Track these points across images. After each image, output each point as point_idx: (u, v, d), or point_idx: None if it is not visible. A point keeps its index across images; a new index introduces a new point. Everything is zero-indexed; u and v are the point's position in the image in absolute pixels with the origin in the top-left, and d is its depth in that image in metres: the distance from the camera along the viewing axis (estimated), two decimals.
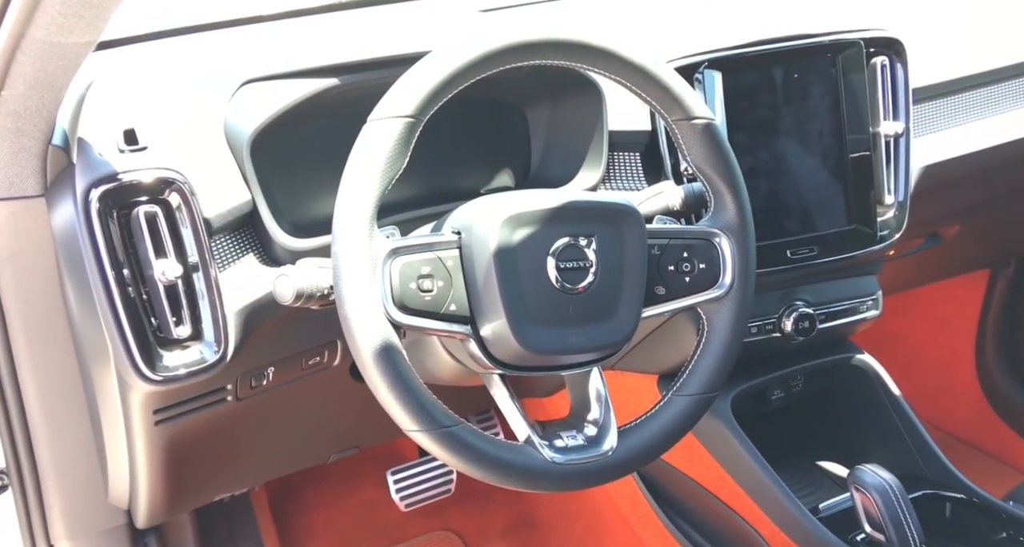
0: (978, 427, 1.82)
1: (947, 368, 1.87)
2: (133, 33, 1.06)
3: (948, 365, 1.86)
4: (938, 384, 1.88)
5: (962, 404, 1.85)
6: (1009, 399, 1.79)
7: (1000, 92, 1.23)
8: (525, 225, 0.75)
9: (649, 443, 0.81)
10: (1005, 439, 1.78)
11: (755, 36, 1.05)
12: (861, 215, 1.09)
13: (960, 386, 1.86)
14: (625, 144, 1.02)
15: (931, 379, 1.88)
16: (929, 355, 1.89)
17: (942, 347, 1.86)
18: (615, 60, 0.78)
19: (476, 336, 0.76)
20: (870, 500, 0.99)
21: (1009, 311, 1.78)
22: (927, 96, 1.15)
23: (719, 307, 0.83)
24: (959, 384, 1.86)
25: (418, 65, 0.74)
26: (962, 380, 1.85)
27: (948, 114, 1.19)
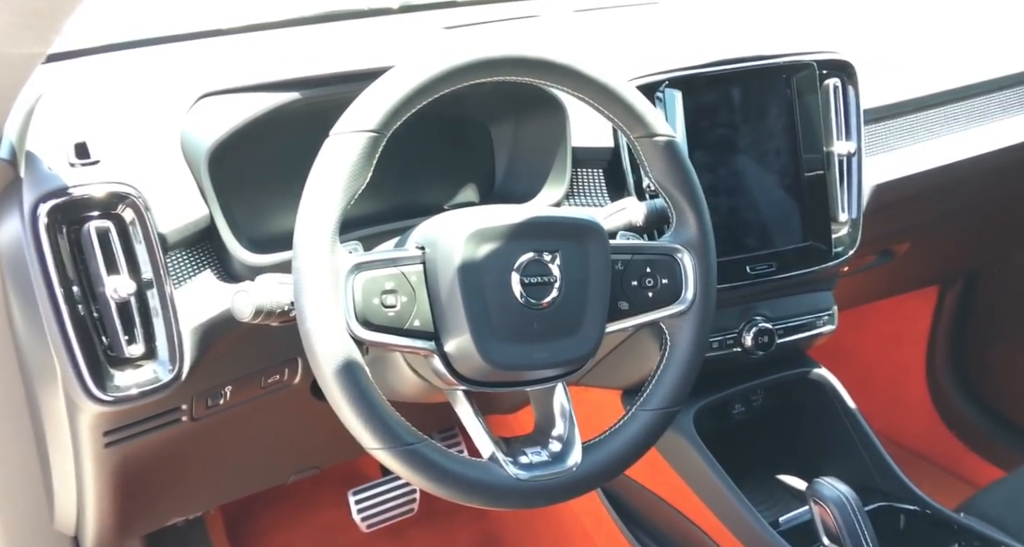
0: (930, 440, 1.87)
1: (899, 383, 1.91)
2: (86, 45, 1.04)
3: (900, 380, 1.91)
4: (891, 398, 1.92)
5: (914, 418, 1.89)
6: (959, 413, 1.84)
7: (951, 112, 1.27)
8: (489, 240, 0.75)
9: (613, 458, 0.81)
10: (956, 452, 1.82)
11: (714, 56, 1.07)
12: (817, 232, 1.11)
13: (912, 400, 1.90)
14: (588, 160, 1.03)
15: (884, 393, 1.92)
16: (882, 370, 1.93)
17: (894, 362, 1.91)
18: (577, 77, 0.79)
19: (440, 352, 0.75)
20: (828, 513, 1.01)
21: (958, 327, 1.84)
22: (878, 117, 1.19)
23: (681, 322, 0.84)
24: (911, 398, 1.90)
25: (381, 80, 0.74)
26: (914, 394, 1.90)
27: (899, 134, 1.23)
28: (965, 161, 1.26)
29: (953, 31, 1.35)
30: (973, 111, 1.30)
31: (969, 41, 1.34)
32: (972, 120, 1.30)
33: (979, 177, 1.33)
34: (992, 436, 1.78)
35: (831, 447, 1.22)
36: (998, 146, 1.29)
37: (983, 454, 1.78)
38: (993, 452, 1.76)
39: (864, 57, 1.14)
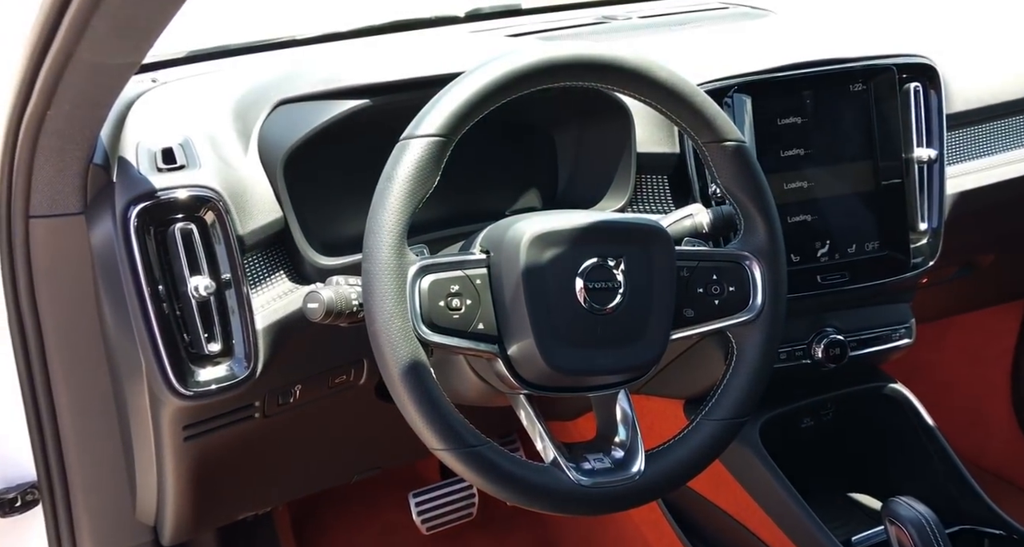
0: (1014, 462, 1.77)
1: (981, 401, 1.82)
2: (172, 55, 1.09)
3: (982, 398, 1.82)
4: (971, 417, 1.83)
5: (997, 438, 1.80)
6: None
7: None
8: (554, 245, 0.75)
9: (678, 468, 0.80)
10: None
11: (786, 60, 1.05)
12: (894, 241, 1.08)
13: (995, 420, 1.81)
14: (653, 167, 1.02)
15: (964, 412, 1.84)
16: (962, 387, 1.84)
17: (976, 379, 1.82)
18: (646, 81, 0.79)
19: (503, 355, 0.76)
20: (905, 534, 0.96)
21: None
22: (963, 122, 1.14)
23: (749, 331, 0.82)
24: (994, 417, 1.81)
25: (450, 85, 0.75)
26: (997, 413, 1.81)
27: (986, 140, 1.18)
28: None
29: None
30: None
31: None
32: None
33: None
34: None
35: (906, 465, 1.17)
36: None
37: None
38: None
39: (948, 59, 1.10)
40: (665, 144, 1.02)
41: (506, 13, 1.39)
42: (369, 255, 0.72)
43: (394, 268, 0.71)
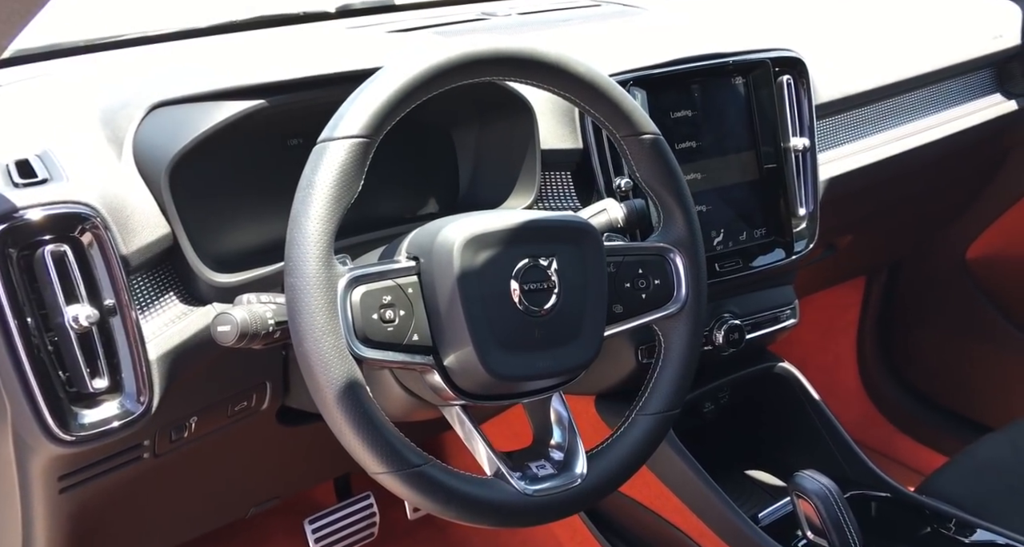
0: (864, 427, 1.93)
1: (833, 372, 1.98)
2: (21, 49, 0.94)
3: (834, 369, 1.97)
4: (826, 388, 1.98)
5: (849, 406, 1.96)
6: (891, 399, 1.92)
7: (893, 106, 1.32)
8: (487, 247, 0.72)
9: (620, 466, 0.79)
10: (890, 437, 1.89)
11: (674, 55, 1.07)
12: (778, 227, 1.13)
13: (844, 390, 1.97)
14: (557, 164, 1.01)
15: (818, 384, 1.99)
16: (815, 361, 1.99)
17: (827, 352, 1.97)
18: (565, 75, 0.77)
19: (439, 366, 0.72)
20: (811, 506, 1.01)
21: (885, 315, 1.92)
22: (828, 112, 1.21)
23: (675, 323, 0.83)
24: (844, 387, 1.97)
25: (368, 83, 0.70)
26: (847, 383, 1.97)
27: (847, 129, 1.26)
28: (906, 153, 1.31)
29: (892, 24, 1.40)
30: (915, 104, 1.36)
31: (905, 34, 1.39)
32: (914, 112, 1.35)
33: (917, 168, 1.38)
34: (923, 419, 1.87)
35: (799, 439, 1.24)
36: (937, 137, 1.35)
37: (916, 437, 1.85)
38: (925, 435, 1.84)
39: (811, 52, 1.17)
40: (568, 140, 1.01)
41: (379, 9, 1.33)
42: (294, 268, 0.65)
43: (323, 281, 0.65)
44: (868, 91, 1.25)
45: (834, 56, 1.24)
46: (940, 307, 1.85)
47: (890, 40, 1.37)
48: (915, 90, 1.37)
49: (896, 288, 1.89)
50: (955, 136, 1.40)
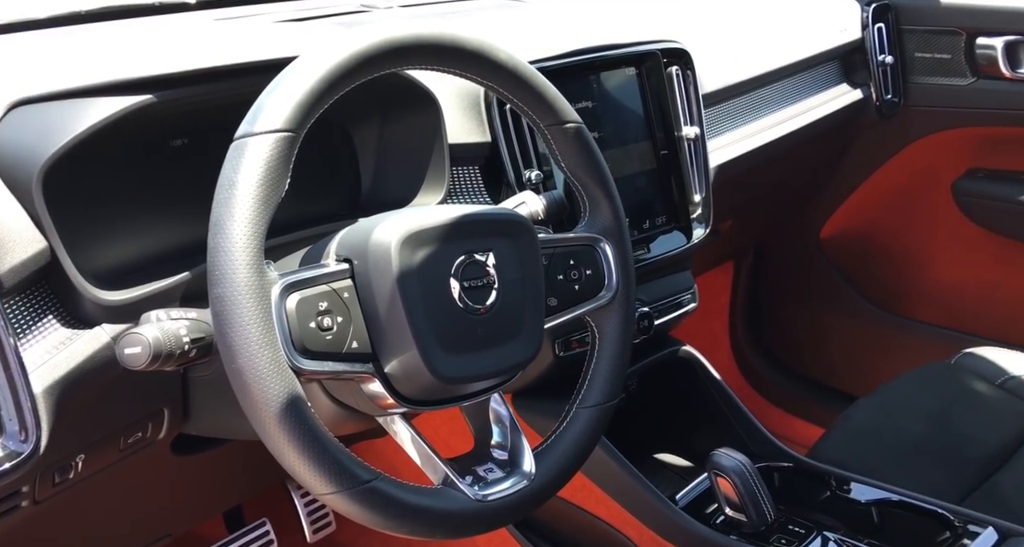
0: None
1: (709, 353, 2.06)
2: None
3: (710, 350, 2.06)
4: None
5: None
6: (763, 375, 2.04)
7: (762, 97, 1.39)
8: (424, 245, 0.68)
9: (568, 460, 0.78)
10: (764, 411, 2.01)
11: (566, 47, 1.07)
12: (676, 213, 1.16)
13: (720, 368, 2.06)
14: (464, 158, 0.98)
15: None
16: (693, 343, 2.07)
17: (703, 334, 2.06)
18: (488, 63, 0.74)
19: (380, 373, 0.67)
20: (728, 482, 1.05)
21: (752, 296, 2.04)
22: (709, 103, 1.26)
23: (608, 313, 0.82)
24: (719, 366, 2.06)
25: (286, 74, 0.64)
26: (722, 362, 2.07)
27: (724, 119, 1.32)
28: (774, 141, 1.39)
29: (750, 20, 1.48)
30: (777, 95, 1.44)
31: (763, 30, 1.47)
32: (777, 103, 1.43)
33: (781, 155, 1.47)
34: (792, 392, 1.99)
35: (705, 420, 1.28)
36: (797, 126, 1.44)
37: (787, 409, 1.98)
38: (795, 406, 1.97)
39: (694, 43, 1.21)
40: (476, 133, 0.98)
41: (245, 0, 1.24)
42: (221, 278, 0.59)
43: (255, 289, 0.59)
44: (741, 82, 1.31)
45: (708, 49, 1.28)
46: (800, 285, 1.99)
47: (751, 35, 1.45)
48: (777, 82, 1.46)
49: (761, 270, 2.01)
50: (811, 125, 1.50)
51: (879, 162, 1.79)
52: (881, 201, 1.85)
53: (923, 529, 1.08)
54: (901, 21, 1.66)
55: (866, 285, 1.91)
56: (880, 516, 1.11)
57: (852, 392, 1.81)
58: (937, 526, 1.07)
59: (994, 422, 1.26)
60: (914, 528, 1.08)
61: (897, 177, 1.80)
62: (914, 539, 1.06)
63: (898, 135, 1.73)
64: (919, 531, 1.08)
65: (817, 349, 1.98)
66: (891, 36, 1.65)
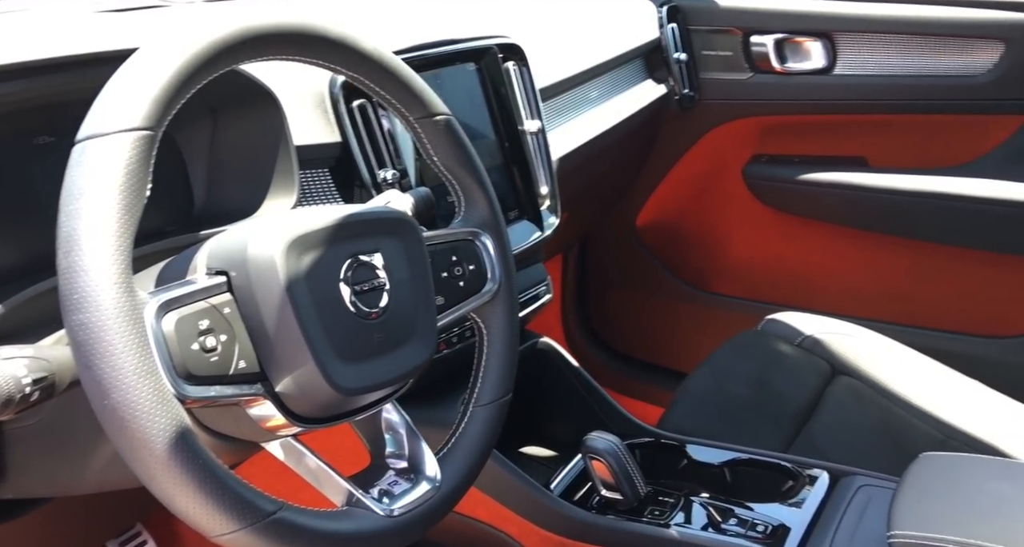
0: None
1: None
2: None
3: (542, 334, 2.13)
4: None
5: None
6: (594, 360, 2.13)
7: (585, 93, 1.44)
8: (310, 250, 0.63)
9: (471, 461, 0.76)
10: None
11: (409, 42, 1.04)
12: (528, 207, 1.17)
13: None
14: (312, 160, 0.92)
15: None
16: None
17: (538, 324, 2.11)
18: (354, 54, 0.70)
19: (271, 393, 0.61)
20: (603, 463, 1.07)
21: (580, 285, 2.12)
22: (544, 97, 1.29)
23: (493, 307, 0.81)
24: None
25: (133, 66, 0.57)
26: None
27: (557, 113, 1.35)
28: (599, 136, 1.45)
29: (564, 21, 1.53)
30: (600, 88, 1.50)
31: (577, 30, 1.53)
32: (601, 97, 1.49)
33: (603, 149, 1.54)
34: (623, 373, 2.10)
35: (567, 407, 1.30)
36: (617, 121, 1.51)
37: (619, 390, 2.08)
38: (626, 387, 2.08)
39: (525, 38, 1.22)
40: (324, 133, 0.93)
41: None
42: (83, 301, 0.50)
43: (126, 312, 0.51)
44: (565, 79, 1.35)
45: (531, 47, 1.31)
46: (622, 272, 2.10)
47: (566, 34, 1.50)
48: (594, 79, 1.52)
49: (587, 259, 2.09)
50: (627, 119, 1.59)
51: (682, 152, 1.93)
52: (685, 188, 2.00)
53: (770, 481, 1.17)
54: (689, 21, 1.80)
55: (679, 266, 2.06)
56: (732, 475, 1.19)
57: (678, 368, 1.95)
58: (780, 476, 1.18)
59: (799, 378, 1.40)
60: (763, 481, 1.18)
61: (697, 165, 1.96)
62: (765, 491, 1.15)
63: (696, 126, 1.88)
64: (767, 483, 1.17)
65: (642, 331, 2.10)
66: (683, 35, 1.79)
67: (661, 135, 1.91)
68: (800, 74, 1.74)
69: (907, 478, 0.91)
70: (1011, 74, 1.55)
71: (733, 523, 1.07)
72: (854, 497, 1.08)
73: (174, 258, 0.65)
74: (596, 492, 1.11)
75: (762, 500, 1.11)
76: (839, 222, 1.81)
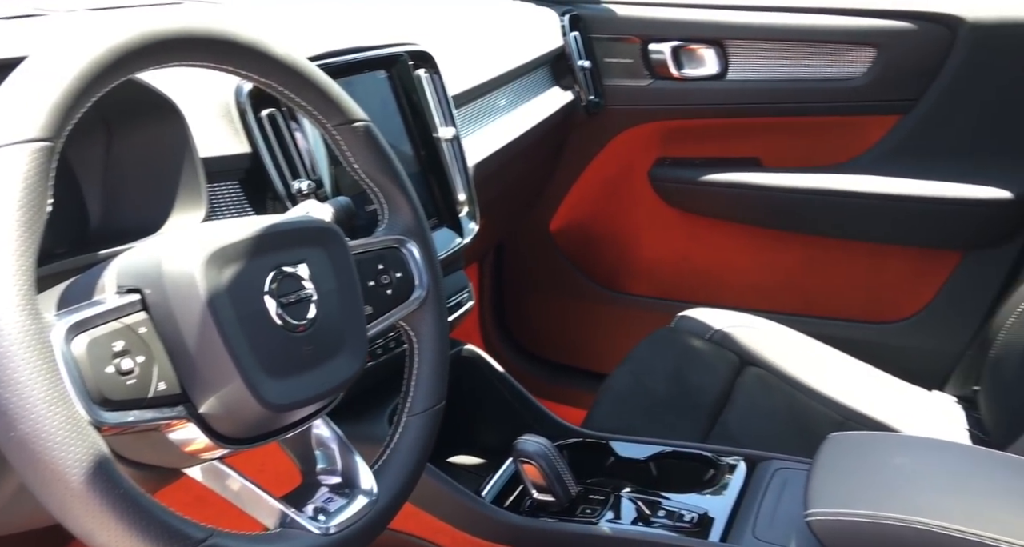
0: None
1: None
2: None
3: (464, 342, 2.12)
4: None
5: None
6: (512, 364, 2.13)
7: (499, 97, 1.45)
8: (232, 262, 0.61)
9: (407, 472, 0.75)
10: None
11: (320, 49, 1.02)
12: (448, 214, 1.17)
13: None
14: (221, 173, 0.89)
15: None
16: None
17: (457, 332, 2.10)
18: (267, 60, 0.68)
19: (194, 415, 0.59)
20: (535, 467, 1.08)
21: (497, 292, 2.13)
22: (460, 103, 1.29)
23: (422, 314, 0.80)
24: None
25: (30, 72, 0.54)
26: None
27: (469, 120, 1.35)
28: (513, 141, 1.46)
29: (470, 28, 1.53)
30: (510, 95, 1.51)
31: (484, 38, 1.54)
32: (511, 105, 1.51)
33: (515, 155, 1.55)
34: (542, 377, 2.12)
35: (491, 414, 1.30)
36: (528, 127, 1.53)
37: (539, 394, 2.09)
38: (546, 391, 2.09)
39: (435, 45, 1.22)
40: (232, 144, 0.89)
41: None
42: None
43: (32, 335, 0.48)
44: (476, 87, 1.35)
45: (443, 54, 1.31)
46: (538, 277, 2.12)
47: (474, 42, 1.51)
48: (504, 86, 1.54)
49: (502, 266, 2.10)
50: (537, 125, 1.61)
51: (590, 156, 1.97)
52: (595, 192, 2.04)
53: (693, 471, 1.21)
54: (590, 30, 1.84)
55: (593, 269, 2.09)
56: (657, 468, 1.22)
57: (598, 369, 1.98)
58: (701, 466, 1.21)
59: (712, 371, 1.45)
60: (686, 472, 1.21)
61: (605, 169, 2.00)
62: (689, 481, 1.18)
63: (603, 132, 1.93)
64: (690, 473, 1.21)
65: (561, 335, 2.12)
66: (586, 43, 1.83)
67: (570, 141, 1.94)
68: (696, 80, 1.81)
69: (819, 459, 0.96)
70: (883, 77, 1.66)
71: (661, 515, 1.10)
72: (771, 481, 1.12)
73: (77, 278, 0.62)
74: (528, 495, 1.12)
75: (686, 490, 1.14)
76: (739, 220, 1.89)
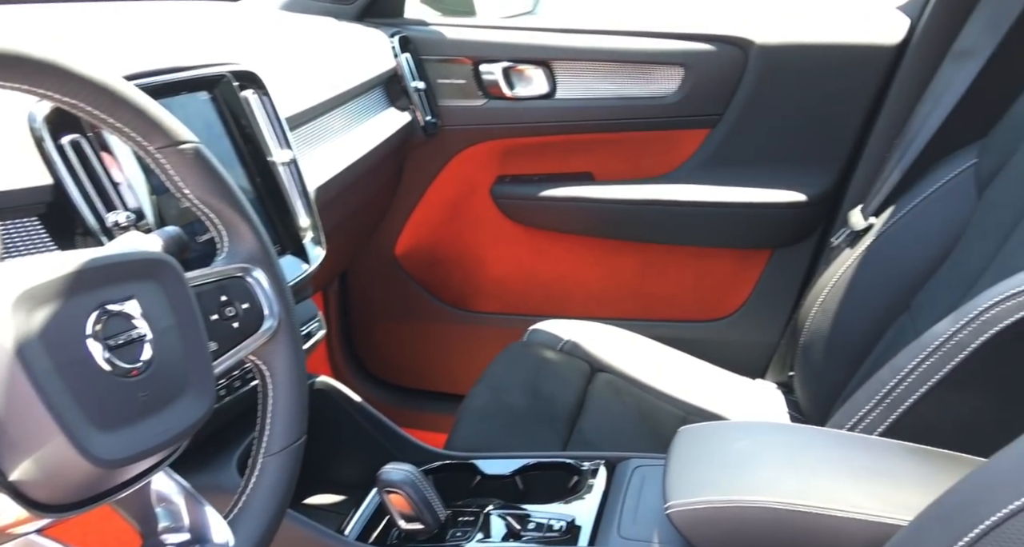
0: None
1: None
2: None
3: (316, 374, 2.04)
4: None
5: None
6: (365, 395, 2.06)
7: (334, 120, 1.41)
8: (43, 305, 0.54)
9: (267, 516, 0.70)
10: None
11: (132, 68, 0.94)
12: (292, 242, 1.11)
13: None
14: (17, 209, 0.79)
15: None
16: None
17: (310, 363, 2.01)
18: (70, 78, 0.61)
19: (4, 484, 0.52)
20: (402, 496, 1.04)
21: (344, 321, 2.06)
22: (294, 125, 1.23)
23: (275, 346, 0.75)
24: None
25: None
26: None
27: (305, 143, 1.30)
28: (352, 165, 1.42)
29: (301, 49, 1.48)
30: (346, 118, 1.47)
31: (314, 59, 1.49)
32: (347, 126, 1.46)
33: (359, 178, 1.51)
34: (396, 404, 2.07)
35: (349, 446, 1.25)
36: (368, 148, 1.49)
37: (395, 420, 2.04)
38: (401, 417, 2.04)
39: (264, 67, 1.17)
40: (29, 176, 0.79)
41: None
42: None
43: None
44: (310, 109, 1.30)
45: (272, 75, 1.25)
46: (387, 303, 2.07)
47: (303, 63, 1.46)
48: (338, 108, 1.50)
49: (348, 294, 2.04)
50: (376, 148, 1.58)
51: (431, 177, 1.97)
52: (438, 213, 2.03)
53: (557, 480, 1.22)
54: (420, 51, 1.85)
55: (441, 290, 2.08)
56: (523, 481, 1.22)
57: (454, 391, 1.96)
58: (565, 474, 1.23)
59: (566, 381, 1.49)
60: (550, 481, 1.22)
61: (446, 190, 2.00)
62: (554, 490, 1.19)
63: (442, 152, 1.93)
64: (555, 482, 1.22)
65: (414, 360, 2.09)
66: (418, 64, 1.83)
67: (409, 163, 1.93)
68: (528, 99, 1.86)
69: (672, 453, 0.99)
70: (692, 94, 1.79)
71: (531, 528, 1.10)
72: (631, 479, 1.15)
73: None
74: (395, 526, 1.08)
75: (553, 500, 1.14)
76: (578, 232, 1.96)
